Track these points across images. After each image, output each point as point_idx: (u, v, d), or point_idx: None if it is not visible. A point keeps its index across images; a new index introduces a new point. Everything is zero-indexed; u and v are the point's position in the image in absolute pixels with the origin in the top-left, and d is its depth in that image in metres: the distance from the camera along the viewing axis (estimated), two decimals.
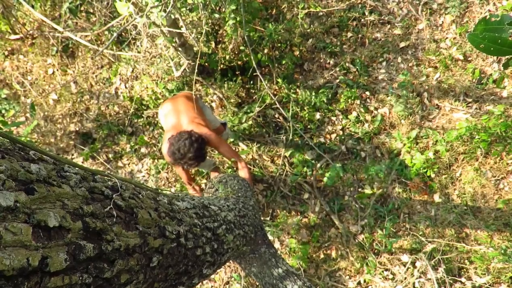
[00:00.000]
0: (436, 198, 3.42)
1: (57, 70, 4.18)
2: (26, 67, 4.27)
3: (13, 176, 0.50)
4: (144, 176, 3.90)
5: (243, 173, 2.76)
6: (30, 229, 0.46)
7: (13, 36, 4.23)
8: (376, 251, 3.41)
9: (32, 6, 3.82)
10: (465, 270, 3.26)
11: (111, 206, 0.69)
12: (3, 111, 4.07)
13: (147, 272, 0.78)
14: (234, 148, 3.98)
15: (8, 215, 0.45)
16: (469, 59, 3.69)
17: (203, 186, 3.54)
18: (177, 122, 2.74)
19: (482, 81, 3.59)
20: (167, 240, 0.91)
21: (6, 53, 4.29)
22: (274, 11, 4.00)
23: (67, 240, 0.53)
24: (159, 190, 1.17)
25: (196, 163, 2.49)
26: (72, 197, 0.60)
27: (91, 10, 3.91)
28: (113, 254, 0.64)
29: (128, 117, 4.00)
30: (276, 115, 3.79)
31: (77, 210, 0.59)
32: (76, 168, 0.70)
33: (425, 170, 3.42)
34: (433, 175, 3.43)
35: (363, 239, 3.45)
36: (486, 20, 0.83)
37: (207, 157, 2.83)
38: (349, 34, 3.94)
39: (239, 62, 3.83)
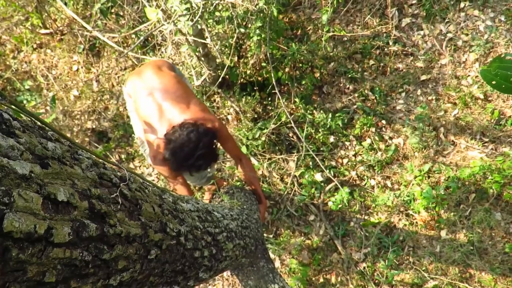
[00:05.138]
0: (443, 234, 3.37)
1: (82, 67, 4.29)
2: (52, 62, 4.39)
3: (31, 150, 0.53)
4: (154, 179, 3.93)
5: (248, 170, 2.30)
6: (40, 199, 0.49)
7: (43, 31, 4.37)
8: (376, 281, 3.36)
9: (65, 4, 3.95)
10: None
11: (117, 193, 0.71)
12: (24, 102, 4.18)
13: (144, 263, 0.79)
14: None
15: (22, 183, 0.47)
16: (490, 99, 3.68)
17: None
18: (159, 111, 1.98)
19: (500, 122, 3.56)
20: (167, 236, 0.92)
21: (35, 46, 4.43)
22: (299, 31, 4.06)
23: (72, 216, 0.55)
24: (166, 190, 1.19)
25: (206, 164, 1.92)
26: (82, 178, 0.63)
27: (121, 13, 4.02)
28: (113, 238, 0.66)
29: None
30: (290, 134, 3.81)
31: (85, 191, 0.61)
32: (89, 153, 0.73)
33: (434, 205, 3.38)
34: (441, 211, 3.39)
35: (364, 267, 3.40)
36: (501, 58, 0.84)
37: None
38: (371, 62, 3.97)
39: (259, 78, 3.88)
